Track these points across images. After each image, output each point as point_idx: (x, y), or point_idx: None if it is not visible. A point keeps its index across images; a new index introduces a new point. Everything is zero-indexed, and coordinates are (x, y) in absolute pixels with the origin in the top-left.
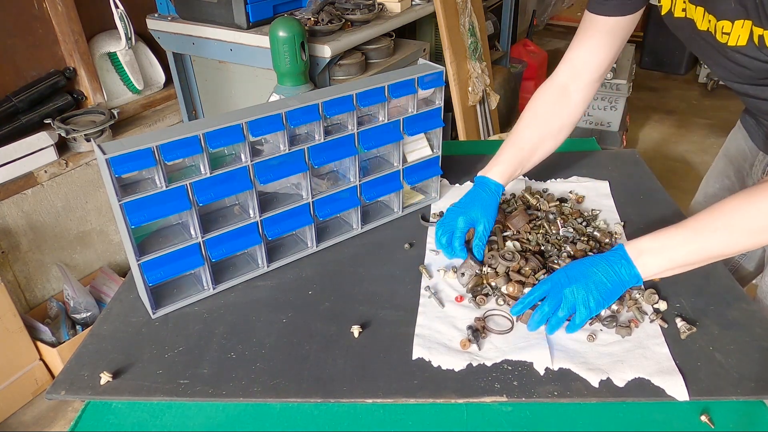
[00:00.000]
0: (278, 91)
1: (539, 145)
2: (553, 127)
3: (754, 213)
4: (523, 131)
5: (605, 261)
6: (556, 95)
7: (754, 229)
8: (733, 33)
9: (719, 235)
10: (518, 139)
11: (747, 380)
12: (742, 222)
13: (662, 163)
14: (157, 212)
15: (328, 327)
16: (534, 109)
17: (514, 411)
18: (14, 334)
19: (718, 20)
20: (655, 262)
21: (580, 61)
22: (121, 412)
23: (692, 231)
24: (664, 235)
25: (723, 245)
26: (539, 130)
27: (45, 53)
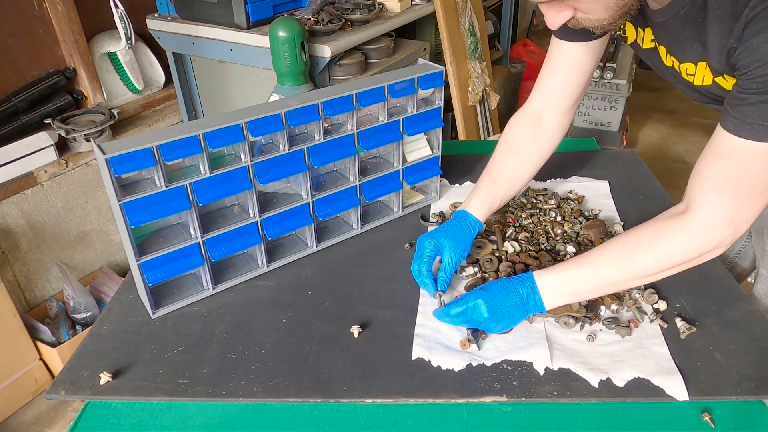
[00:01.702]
0: (278, 91)
1: (517, 177)
2: (530, 156)
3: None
4: (500, 164)
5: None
6: (530, 125)
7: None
8: (698, 74)
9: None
10: (495, 171)
11: (747, 380)
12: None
13: (662, 163)
14: (157, 212)
15: (328, 327)
16: (509, 140)
17: (514, 411)
18: (14, 334)
19: (681, 63)
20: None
21: (552, 91)
22: (120, 412)
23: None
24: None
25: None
26: (516, 161)
27: (45, 53)
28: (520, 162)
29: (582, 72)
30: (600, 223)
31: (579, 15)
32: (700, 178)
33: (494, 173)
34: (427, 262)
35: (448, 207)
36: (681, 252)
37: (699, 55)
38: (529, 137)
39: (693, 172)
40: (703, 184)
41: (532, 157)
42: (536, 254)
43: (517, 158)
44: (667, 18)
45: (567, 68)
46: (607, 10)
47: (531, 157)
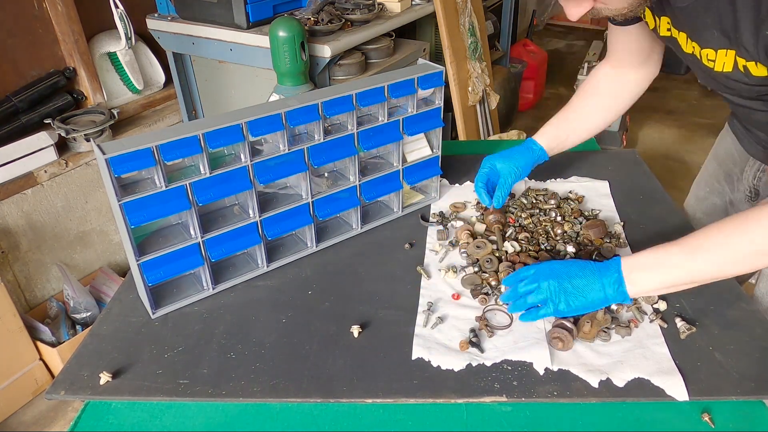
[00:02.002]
0: (278, 91)
1: (588, 116)
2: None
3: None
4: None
5: (597, 272)
6: (610, 73)
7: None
8: (718, 60)
9: (714, 258)
10: (568, 108)
11: (747, 380)
12: (738, 248)
13: (662, 163)
14: (157, 212)
15: (328, 327)
16: (589, 83)
17: (514, 411)
18: (14, 334)
19: (702, 48)
20: (648, 280)
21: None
22: (120, 412)
23: (687, 252)
24: (659, 251)
25: (715, 270)
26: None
27: (45, 53)
28: (595, 104)
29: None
30: (600, 223)
31: (598, 5)
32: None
33: (566, 110)
34: (482, 177)
35: (448, 207)
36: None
37: (720, 42)
38: (606, 84)
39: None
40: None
41: (607, 104)
42: (536, 254)
43: (592, 100)
44: (688, 3)
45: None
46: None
47: (606, 104)
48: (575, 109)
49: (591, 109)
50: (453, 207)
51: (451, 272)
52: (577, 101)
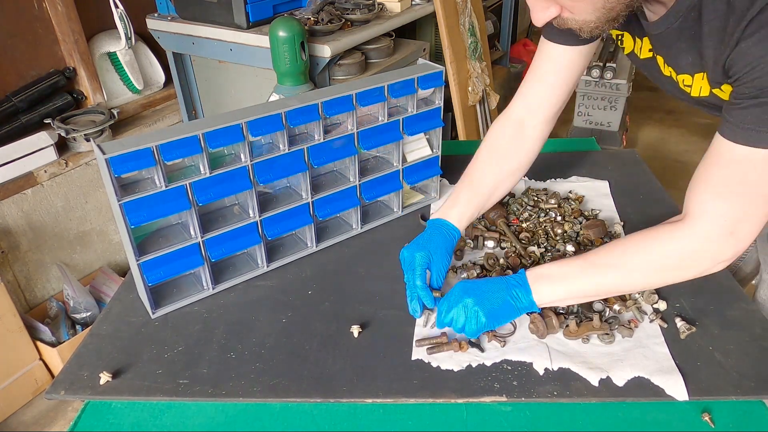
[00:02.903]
0: (278, 91)
1: (497, 187)
2: (511, 167)
3: (648, 254)
4: (480, 172)
5: (504, 283)
6: (512, 132)
7: (647, 270)
8: (695, 85)
9: (615, 272)
10: (476, 180)
11: (747, 380)
12: (636, 262)
13: (662, 163)
14: (157, 212)
15: (328, 327)
16: (490, 147)
17: (514, 411)
18: (14, 334)
19: (678, 74)
20: (552, 291)
21: (536, 98)
22: (120, 412)
23: (590, 265)
24: (563, 265)
25: (617, 282)
26: (497, 170)
27: (45, 53)
28: (501, 173)
29: (569, 78)
30: (600, 223)
31: (565, 14)
32: (698, 185)
33: (475, 182)
34: (421, 275)
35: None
36: (675, 256)
37: (695, 66)
38: (511, 146)
39: (692, 179)
40: (700, 192)
41: (512, 167)
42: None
43: (498, 168)
44: (662, 30)
45: (553, 74)
46: (594, 12)
47: (512, 167)
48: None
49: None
50: None
51: (451, 272)
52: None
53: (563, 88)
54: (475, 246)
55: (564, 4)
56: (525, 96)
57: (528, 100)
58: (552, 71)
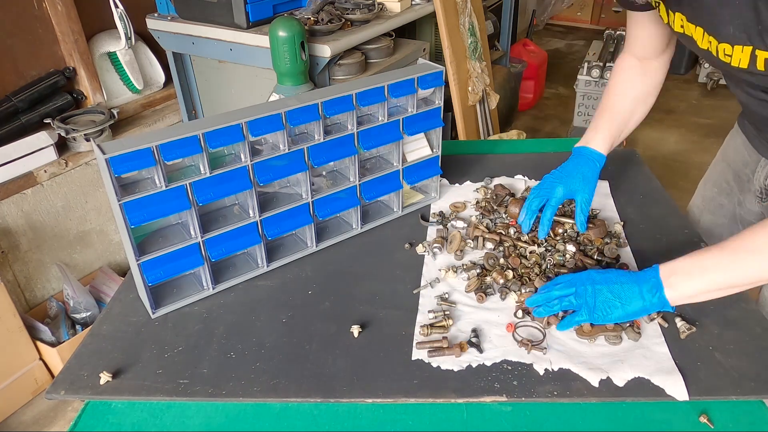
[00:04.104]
0: (278, 91)
1: (633, 112)
2: (642, 91)
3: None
4: (614, 98)
5: (634, 278)
6: (635, 66)
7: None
8: (735, 56)
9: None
10: (612, 105)
11: (747, 380)
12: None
13: (662, 163)
14: (157, 212)
15: (328, 327)
16: (619, 77)
17: (514, 411)
18: (14, 333)
19: (719, 43)
20: (687, 285)
21: (639, 48)
22: (120, 412)
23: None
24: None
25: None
26: (630, 95)
27: (45, 53)
28: (633, 100)
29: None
30: (600, 223)
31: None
32: None
33: (611, 111)
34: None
35: (448, 207)
36: None
37: (737, 38)
38: (636, 78)
39: None
40: None
41: (644, 92)
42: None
43: (629, 97)
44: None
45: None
46: None
47: (643, 92)
48: (616, 110)
49: (631, 107)
50: (453, 207)
51: (452, 272)
52: (614, 101)
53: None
54: (475, 246)
55: None
56: (630, 49)
57: (635, 52)
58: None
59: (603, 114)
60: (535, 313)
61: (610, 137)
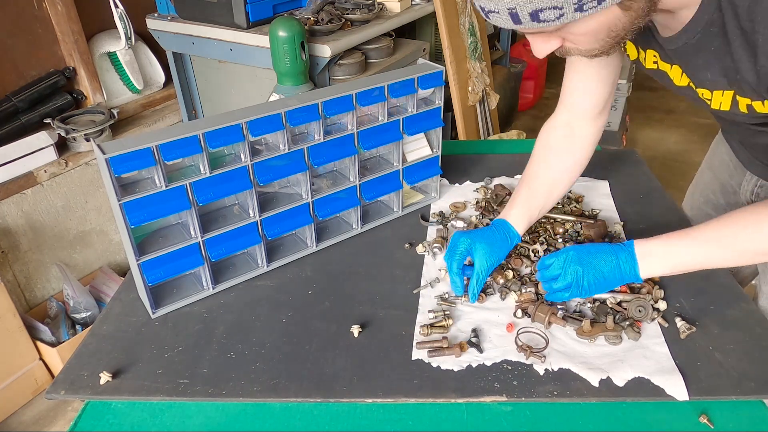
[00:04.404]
0: (278, 91)
1: (554, 185)
2: (566, 164)
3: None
4: (535, 172)
5: (614, 254)
6: (562, 132)
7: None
8: (714, 99)
9: (724, 251)
10: (532, 180)
11: (747, 380)
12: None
13: (662, 163)
14: (157, 212)
15: (328, 327)
16: (543, 147)
17: (514, 411)
18: (14, 333)
19: (697, 87)
20: (659, 266)
21: (576, 103)
22: (120, 412)
23: (700, 242)
24: (671, 241)
25: (725, 260)
26: (553, 171)
27: (45, 53)
28: (557, 172)
29: (606, 78)
30: (600, 223)
31: (567, 44)
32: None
33: (532, 184)
34: (458, 259)
35: (448, 207)
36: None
37: (717, 83)
38: (563, 145)
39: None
40: None
41: (568, 166)
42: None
43: (554, 168)
44: (679, 46)
45: (588, 80)
46: (597, 42)
47: (568, 166)
48: (537, 183)
49: (553, 180)
50: (453, 207)
51: None
52: (537, 173)
53: (603, 87)
54: None
55: (566, 37)
56: (565, 103)
57: (568, 107)
58: (586, 76)
59: (523, 187)
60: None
61: (528, 213)
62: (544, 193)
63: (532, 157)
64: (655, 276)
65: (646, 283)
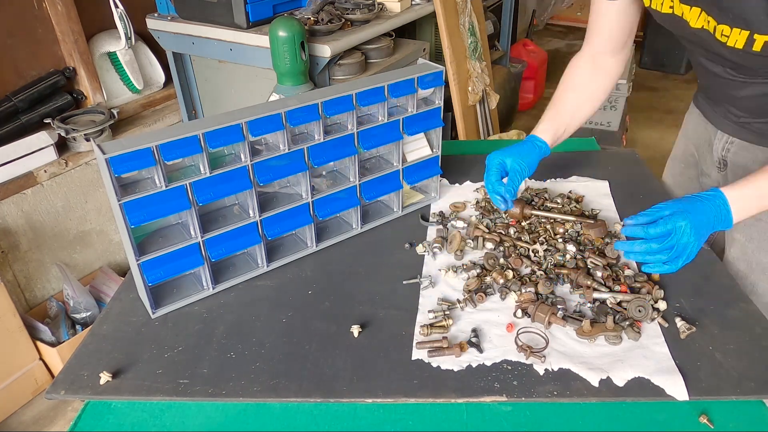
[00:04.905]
0: (278, 91)
1: (579, 109)
2: (590, 90)
3: None
4: (561, 98)
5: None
6: (586, 65)
7: None
8: (732, 37)
9: None
10: (558, 104)
11: (747, 380)
12: None
13: (662, 163)
14: (157, 212)
15: (327, 327)
16: (569, 78)
17: (514, 411)
18: (14, 333)
19: (718, 24)
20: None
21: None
22: (120, 412)
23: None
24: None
25: None
26: (576, 94)
27: (45, 53)
28: (581, 96)
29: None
30: (600, 223)
31: None
32: None
33: (557, 105)
34: (494, 173)
35: (448, 207)
36: None
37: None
38: (587, 75)
39: None
40: None
41: (592, 91)
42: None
43: (579, 93)
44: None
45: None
46: None
47: (591, 91)
48: (563, 104)
49: (578, 102)
50: (453, 207)
51: (452, 272)
52: (562, 96)
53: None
54: (475, 246)
55: None
56: (589, 42)
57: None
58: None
59: (550, 108)
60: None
61: (554, 128)
62: (569, 112)
63: (559, 85)
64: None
65: (646, 283)
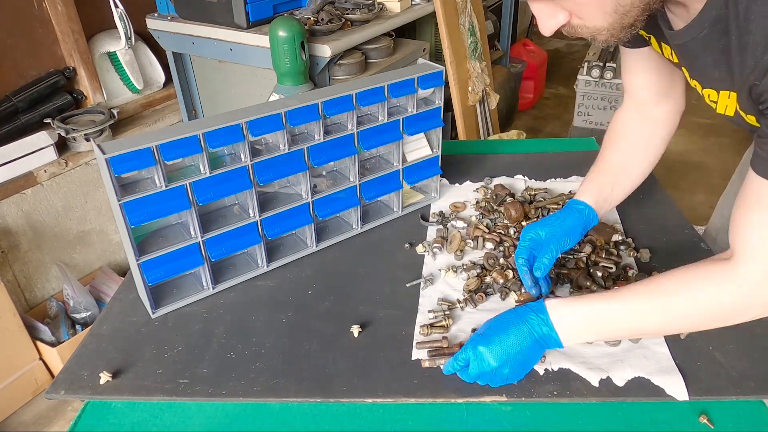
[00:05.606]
0: (278, 91)
1: (628, 165)
2: (639, 144)
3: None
4: (605, 151)
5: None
6: (630, 116)
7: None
8: (720, 102)
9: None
10: (601, 160)
11: (747, 380)
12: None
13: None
14: (157, 212)
15: (327, 327)
16: (614, 128)
17: (514, 411)
18: (14, 333)
19: (703, 88)
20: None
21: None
22: (120, 412)
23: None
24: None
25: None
26: (622, 150)
27: (45, 53)
28: (628, 152)
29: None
30: (600, 223)
31: (575, 21)
32: (743, 228)
33: (600, 163)
34: (524, 250)
35: (448, 207)
36: (728, 302)
37: (721, 83)
38: (633, 127)
39: (732, 221)
40: (746, 235)
41: (642, 146)
42: None
43: (624, 149)
44: (687, 40)
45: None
46: (605, 17)
47: (641, 146)
48: (607, 159)
49: (627, 157)
50: (453, 207)
51: (452, 272)
52: (609, 152)
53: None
54: (475, 246)
55: (571, 9)
56: (629, 93)
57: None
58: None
59: (593, 168)
60: None
61: (597, 188)
62: (618, 165)
63: (605, 142)
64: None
65: None
